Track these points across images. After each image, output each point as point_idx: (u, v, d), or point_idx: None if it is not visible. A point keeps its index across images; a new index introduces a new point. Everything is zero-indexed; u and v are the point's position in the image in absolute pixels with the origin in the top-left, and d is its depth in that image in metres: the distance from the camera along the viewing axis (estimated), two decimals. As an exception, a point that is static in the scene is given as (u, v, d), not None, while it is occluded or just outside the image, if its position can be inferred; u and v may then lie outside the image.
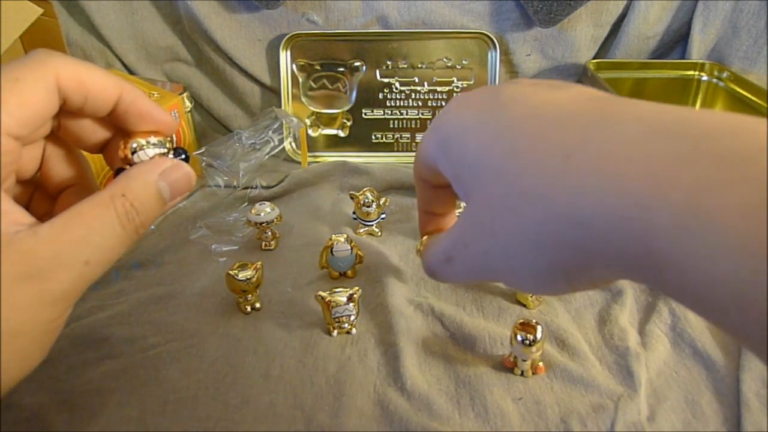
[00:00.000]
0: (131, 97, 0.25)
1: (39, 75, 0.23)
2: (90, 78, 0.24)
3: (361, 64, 0.72)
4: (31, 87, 0.22)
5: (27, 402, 0.38)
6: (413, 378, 0.39)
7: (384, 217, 0.57)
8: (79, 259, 0.22)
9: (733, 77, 0.64)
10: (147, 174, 0.24)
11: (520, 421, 0.37)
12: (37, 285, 0.21)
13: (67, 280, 0.22)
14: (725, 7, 0.67)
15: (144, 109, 0.26)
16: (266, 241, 0.55)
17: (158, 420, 0.37)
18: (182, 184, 0.26)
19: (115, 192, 0.23)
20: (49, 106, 0.23)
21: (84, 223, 0.22)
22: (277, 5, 0.70)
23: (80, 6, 0.71)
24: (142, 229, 0.25)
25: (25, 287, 0.21)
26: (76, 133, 0.27)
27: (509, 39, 0.72)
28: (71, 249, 0.22)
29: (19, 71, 0.22)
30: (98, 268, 0.23)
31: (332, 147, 0.75)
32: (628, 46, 0.71)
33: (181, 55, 0.76)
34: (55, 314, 0.23)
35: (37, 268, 0.21)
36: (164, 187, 0.25)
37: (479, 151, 0.22)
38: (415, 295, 0.48)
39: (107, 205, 0.23)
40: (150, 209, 0.24)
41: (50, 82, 0.23)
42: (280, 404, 0.38)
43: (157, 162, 0.25)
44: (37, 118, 0.23)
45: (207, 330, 0.44)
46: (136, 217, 0.24)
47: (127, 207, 0.23)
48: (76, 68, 0.24)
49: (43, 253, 0.21)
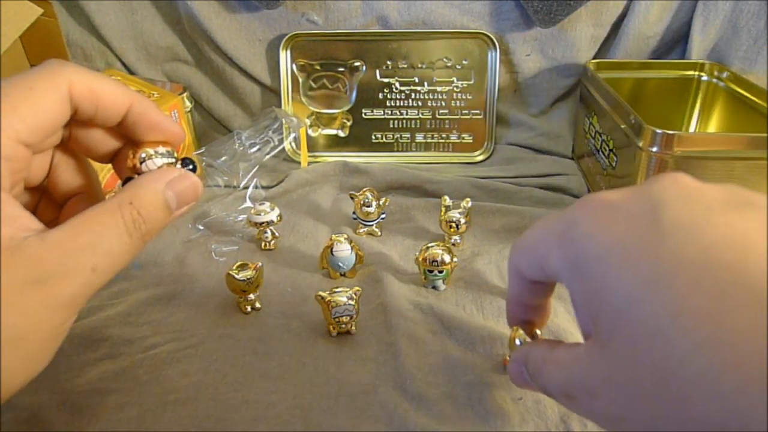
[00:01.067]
0: (141, 107, 0.26)
1: (52, 84, 0.23)
2: (101, 88, 0.24)
3: (361, 64, 0.72)
4: (43, 96, 0.23)
5: (27, 402, 0.38)
6: (413, 378, 0.39)
7: (384, 217, 0.57)
8: (86, 265, 0.22)
9: (733, 77, 0.64)
10: (154, 183, 0.25)
11: (520, 421, 0.37)
12: (44, 290, 0.21)
13: (74, 286, 0.22)
14: (725, 7, 0.67)
15: (154, 120, 0.26)
16: (266, 241, 0.55)
17: (158, 420, 0.37)
18: (189, 193, 0.26)
19: (123, 200, 0.24)
20: (60, 115, 0.24)
21: (92, 230, 0.23)
22: (277, 5, 0.70)
23: (80, 6, 0.71)
24: (149, 237, 0.25)
25: (33, 292, 0.21)
26: (86, 142, 0.27)
27: (509, 39, 0.72)
28: (79, 255, 0.22)
29: (33, 80, 0.23)
30: (105, 275, 0.23)
31: (332, 147, 0.75)
32: (628, 46, 0.71)
33: (181, 55, 0.76)
34: (61, 320, 0.23)
35: (44, 273, 0.21)
36: (171, 196, 0.25)
37: (630, 295, 0.17)
38: (415, 295, 0.48)
39: (114, 213, 0.23)
40: (157, 218, 0.25)
41: (63, 91, 0.23)
42: (280, 404, 0.38)
43: (165, 171, 0.26)
44: (48, 126, 0.23)
45: (207, 330, 0.44)
46: (142, 225, 0.24)
47: (134, 215, 0.24)
48: (88, 78, 0.24)
49: (51, 258, 0.21)
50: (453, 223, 0.53)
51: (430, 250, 0.47)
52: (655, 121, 0.47)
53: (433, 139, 0.75)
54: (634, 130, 0.49)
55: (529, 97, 0.76)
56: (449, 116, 0.74)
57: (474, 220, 0.56)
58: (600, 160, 0.60)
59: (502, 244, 0.55)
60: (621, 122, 0.53)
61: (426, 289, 0.49)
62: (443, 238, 0.56)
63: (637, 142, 0.48)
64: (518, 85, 0.75)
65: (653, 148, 0.47)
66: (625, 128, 0.52)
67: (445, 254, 0.47)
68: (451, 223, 0.53)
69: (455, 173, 0.68)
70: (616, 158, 0.55)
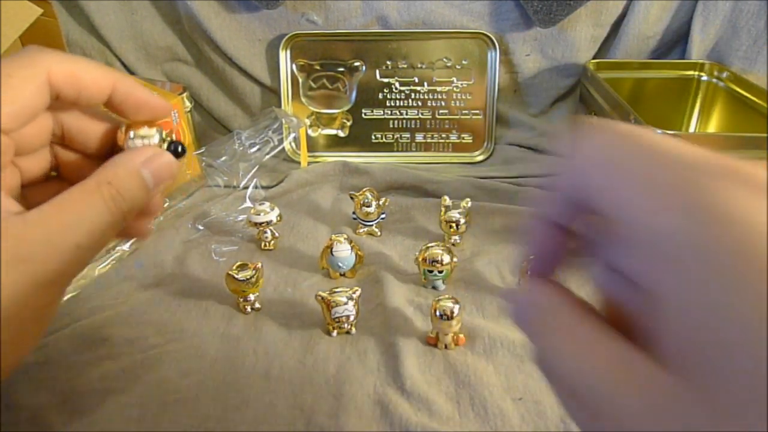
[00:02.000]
0: (125, 87, 0.26)
1: (30, 72, 0.23)
2: (82, 71, 0.25)
3: (361, 64, 0.72)
4: (20, 83, 0.23)
5: (27, 402, 0.38)
6: (413, 378, 0.39)
7: (384, 217, 0.57)
8: (70, 242, 0.23)
9: (733, 77, 0.64)
10: (130, 162, 0.25)
11: (520, 421, 0.37)
12: (29, 267, 0.22)
13: (59, 263, 0.22)
14: (725, 7, 0.67)
15: (140, 98, 0.26)
16: (266, 241, 0.55)
17: (158, 420, 0.37)
18: (164, 172, 0.26)
19: (101, 179, 0.24)
20: (39, 101, 0.24)
21: (73, 208, 0.23)
22: (277, 5, 0.70)
23: (80, 6, 0.71)
24: (130, 216, 0.25)
25: (17, 270, 0.21)
26: (78, 138, 0.27)
27: (509, 39, 0.72)
28: (62, 233, 0.23)
29: (11, 68, 0.23)
30: (89, 252, 0.24)
31: (332, 147, 0.75)
32: (628, 46, 0.71)
33: (181, 55, 0.76)
34: (48, 299, 0.23)
35: (28, 251, 0.22)
36: (147, 174, 0.26)
37: (680, 297, 0.13)
38: (415, 295, 0.48)
39: (94, 192, 0.24)
40: (135, 196, 0.25)
41: (40, 77, 0.24)
42: (280, 404, 0.38)
43: (141, 151, 0.26)
44: (27, 112, 0.24)
45: (207, 330, 0.44)
46: (123, 203, 0.24)
47: (113, 193, 0.24)
48: (68, 62, 0.24)
49: (34, 237, 0.22)
50: (453, 223, 0.53)
51: (430, 250, 0.47)
52: (655, 121, 0.47)
53: (432, 139, 0.75)
54: (634, 130, 0.49)
55: (529, 97, 0.76)
56: (449, 116, 0.74)
57: (474, 220, 0.56)
58: (600, 160, 0.60)
59: (502, 244, 0.55)
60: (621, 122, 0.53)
61: (426, 289, 0.49)
62: (443, 238, 0.56)
63: (637, 142, 0.48)
64: (518, 85, 0.75)
65: (653, 148, 0.47)
66: (625, 128, 0.52)
67: (444, 254, 0.47)
68: (451, 223, 0.53)
69: (455, 173, 0.68)
70: (616, 158, 0.55)
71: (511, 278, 0.50)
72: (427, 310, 0.46)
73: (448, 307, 0.40)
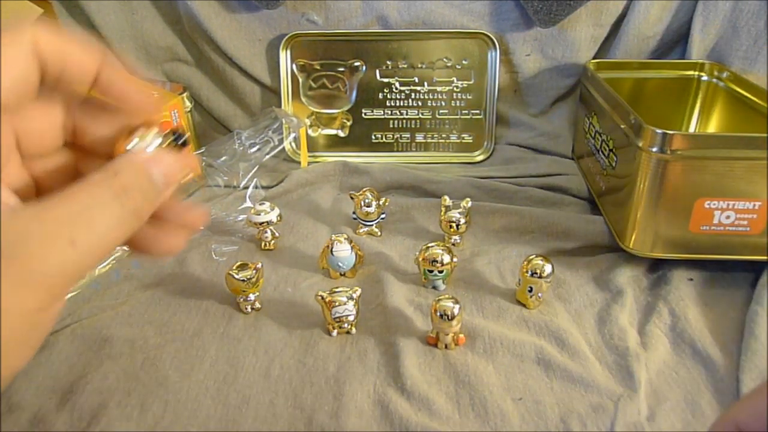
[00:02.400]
0: (109, 75, 0.25)
1: (15, 38, 0.22)
2: (69, 48, 0.23)
3: (361, 64, 0.72)
4: (7, 48, 0.22)
5: (27, 402, 0.38)
6: (413, 378, 0.39)
7: (384, 217, 0.57)
8: (62, 236, 0.20)
9: (733, 77, 0.64)
10: (135, 157, 0.24)
11: (520, 421, 0.37)
12: (15, 264, 0.19)
13: (50, 261, 0.20)
14: (725, 7, 0.67)
15: (122, 91, 0.25)
16: (266, 241, 0.55)
17: (158, 420, 0.37)
18: (172, 168, 0.25)
19: (108, 172, 0.22)
20: (27, 70, 0.23)
21: (73, 200, 0.21)
22: (277, 5, 0.70)
23: (80, 6, 0.71)
24: (143, 214, 0.23)
25: (3, 267, 0.19)
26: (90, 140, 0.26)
27: (509, 39, 0.72)
28: (54, 226, 0.20)
29: None
30: (88, 251, 0.21)
31: (332, 147, 0.75)
32: (628, 46, 0.71)
33: (181, 55, 0.76)
34: (39, 302, 0.20)
35: (14, 245, 0.19)
36: (156, 172, 0.24)
37: None
38: (415, 295, 0.48)
39: (101, 183, 0.22)
40: (145, 188, 0.23)
41: (27, 44, 0.22)
42: (280, 404, 0.38)
43: (144, 152, 0.25)
44: (18, 83, 0.23)
45: (207, 330, 0.44)
46: (137, 196, 0.22)
47: (123, 182, 0.22)
48: (55, 35, 0.23)
49: (23, 230, 0.20)
50: (453, 223, 0.53)
51: (430, 250, 0.47)
52: (655, 121, 0.47)
53: (432, 139, 0.75)
54: (634, 130, 0.49)
55: (529, 97, 0.76)
56: (449, 116, 0.74)
57: (474, 220, 0.56)
58: (600, 160, 0.60)
59: (502, 244, 0.55)
60: (621, 122, 0.53)
61: (426, 289, 0.49)
62: (443, 238, 0.56)
63: (637, 142, 0.48)
64: (518, 85, 0.75)
65: (653, 148, 0.47)
66: (625, 128, 0.52)
67: (445, 254, 0.47)
68: (451, 223, 0.53)
69: (455, 173, 0.68)
70: (616, 158, 0.55)
71: (511, 278, 0.50)
72: (427, 310, 0.46)
73: (449, 307, 0.40)
